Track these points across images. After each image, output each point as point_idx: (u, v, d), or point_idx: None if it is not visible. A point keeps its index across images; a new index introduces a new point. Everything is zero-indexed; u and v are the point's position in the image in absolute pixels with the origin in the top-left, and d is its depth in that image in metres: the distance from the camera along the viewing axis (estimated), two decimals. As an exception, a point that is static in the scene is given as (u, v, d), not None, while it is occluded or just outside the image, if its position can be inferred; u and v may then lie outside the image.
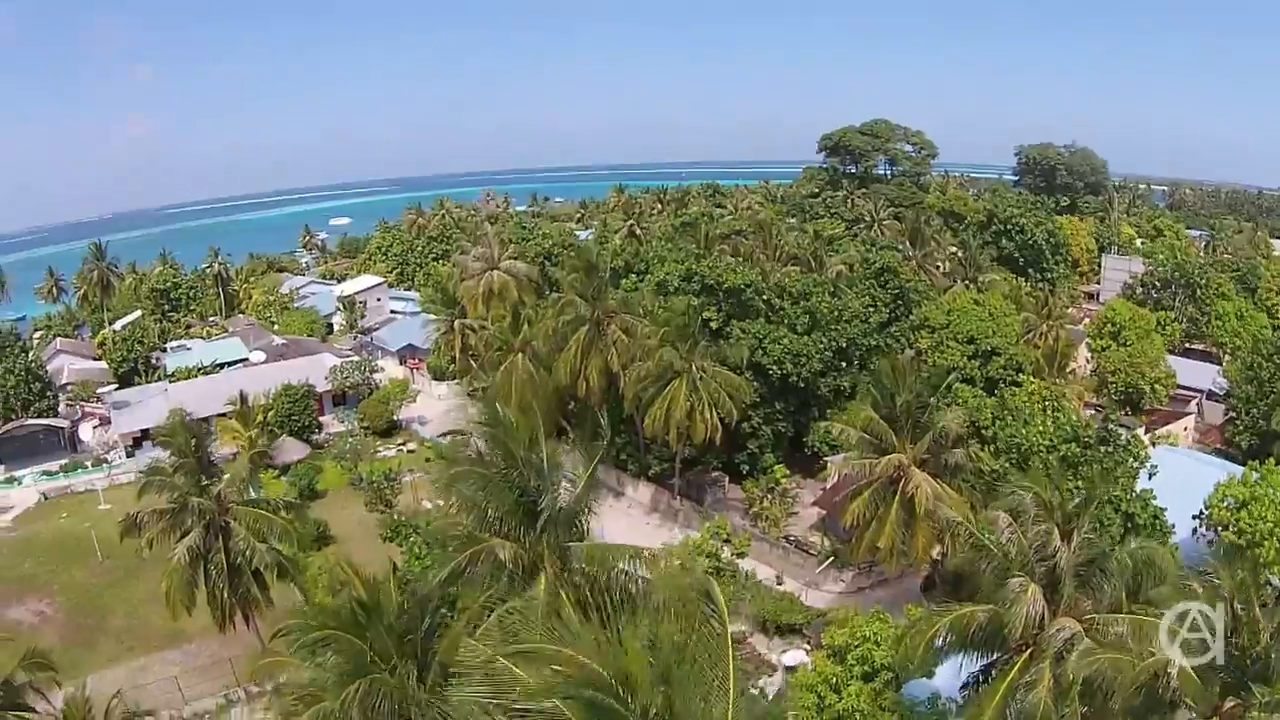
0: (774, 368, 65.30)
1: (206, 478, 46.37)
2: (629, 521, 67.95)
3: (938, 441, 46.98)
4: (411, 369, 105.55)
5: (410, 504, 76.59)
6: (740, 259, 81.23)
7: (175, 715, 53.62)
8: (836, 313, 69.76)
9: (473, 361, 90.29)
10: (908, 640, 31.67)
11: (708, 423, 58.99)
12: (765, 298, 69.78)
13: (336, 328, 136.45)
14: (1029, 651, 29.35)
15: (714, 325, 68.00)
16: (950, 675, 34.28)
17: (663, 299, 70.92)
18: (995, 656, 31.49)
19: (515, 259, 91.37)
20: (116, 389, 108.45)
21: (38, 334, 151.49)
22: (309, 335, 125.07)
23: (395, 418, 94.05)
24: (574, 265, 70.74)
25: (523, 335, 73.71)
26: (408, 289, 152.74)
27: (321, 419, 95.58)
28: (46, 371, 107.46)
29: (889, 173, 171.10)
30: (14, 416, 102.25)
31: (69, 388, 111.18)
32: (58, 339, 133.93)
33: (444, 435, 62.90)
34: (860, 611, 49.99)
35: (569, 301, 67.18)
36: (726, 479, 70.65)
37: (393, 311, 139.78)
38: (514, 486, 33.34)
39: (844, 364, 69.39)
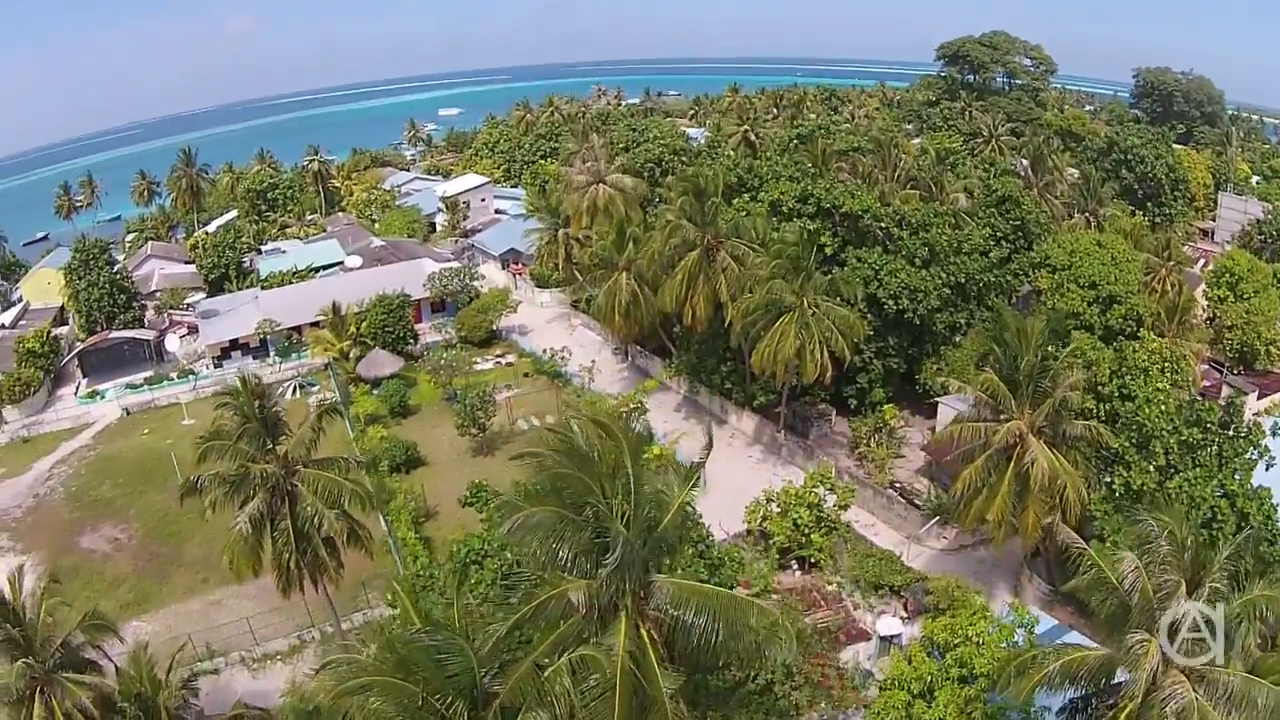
0: (889, 302, 62.44)
1: (272, 439, 42.88)
2: (731, 453, 66.25)
3: (1057, 410, 44.34)
4: (514, 275, 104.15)
5: (505, 423, 75.16)
6: (858, 179, 78.01)
7: (247, 656, 53.33)
8: (956, 244, 66.78)
9: (577, 273, 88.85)
10: (1011, 670, 29.85)
11: (818, 362, 56.69)
12: (883, 225, 66.73)
13: (439, 228, 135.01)
14: (1138, 701, 27.32)
15: (829, 250, 65.49)
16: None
17: (776, 221, 68.15)
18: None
19: (623, 171, 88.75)
20: (206, 296, 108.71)
21: (130, 236, 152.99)
22: (409, 236, 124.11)
23: (494, 328, 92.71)
24: (683, 188, 68.12)
25: (627, 254, 71.81)
26: (514, 186, 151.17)
27: (419, 326, 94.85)
28: (134, 281, 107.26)
29: (1006, 85, 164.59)
30: (98, 329, 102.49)
31: (158, 295, 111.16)
32: (149, 243, 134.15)
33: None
34: (961, 581, 48.20)
35: (677, 226, 64.81)
36: (834, 412, 68.48)
37: (497, 212, 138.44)
38: (588, 523, 27.69)
39: (960, 300, 66.36)
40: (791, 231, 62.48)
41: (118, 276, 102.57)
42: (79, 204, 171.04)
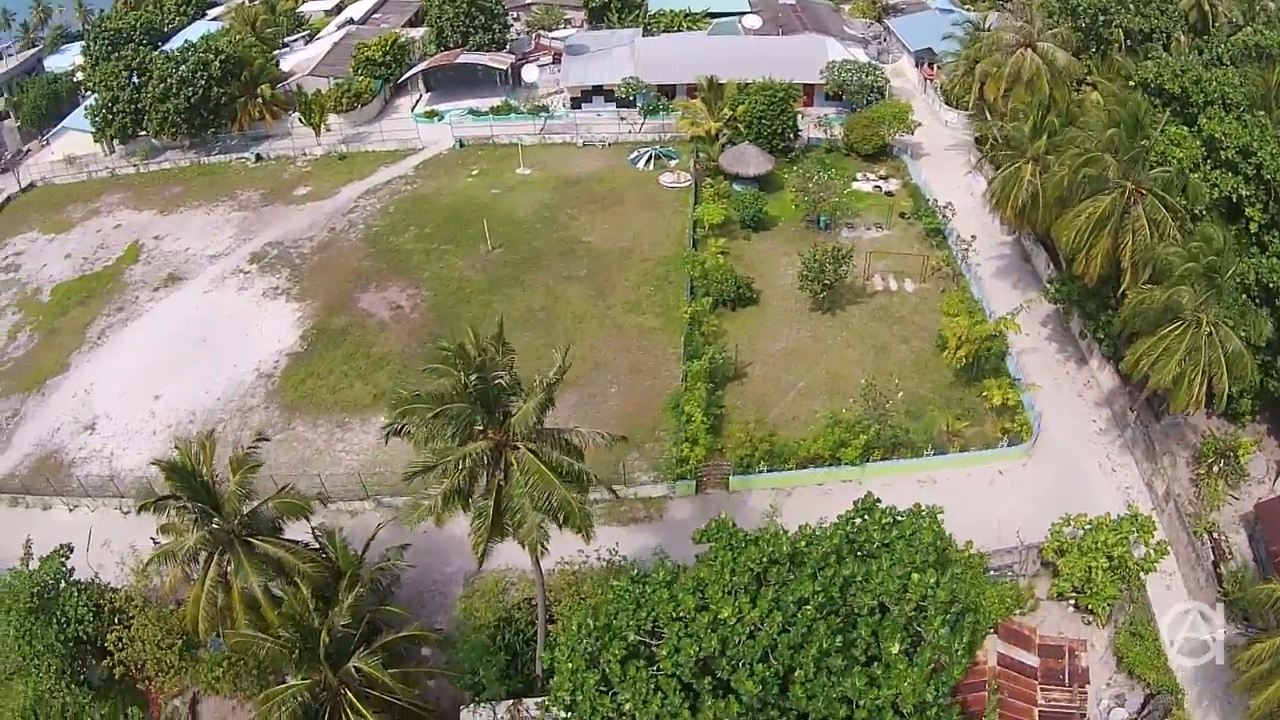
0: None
1: (486, 411, 38.09)
2: (1075, 410, 58.36)
3: None
4: (924, 79, 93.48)
5: (859, 276, 68.40)
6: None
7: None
8: None
9: (987, 112, 78.42)
10: None
11: (1191, 395, 46.99)
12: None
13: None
14: None
15: (1253, 227, 52.68)
16: None
17: (1207, 168, 54.70)
18: None
19: (1057, 39, 74.23)
20: (583, 28, 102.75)
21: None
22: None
23: (886, 143, 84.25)
24: (1115, 114, 56.21)
25: (1039, 144, 61.81)
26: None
27: (806, 111, 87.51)
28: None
29: None
30: (449, 47, 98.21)
31: (533, 8, 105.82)
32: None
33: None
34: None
35: (1094, 158, 54.29)
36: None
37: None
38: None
39: None
40: (1213, 227, 49.96)
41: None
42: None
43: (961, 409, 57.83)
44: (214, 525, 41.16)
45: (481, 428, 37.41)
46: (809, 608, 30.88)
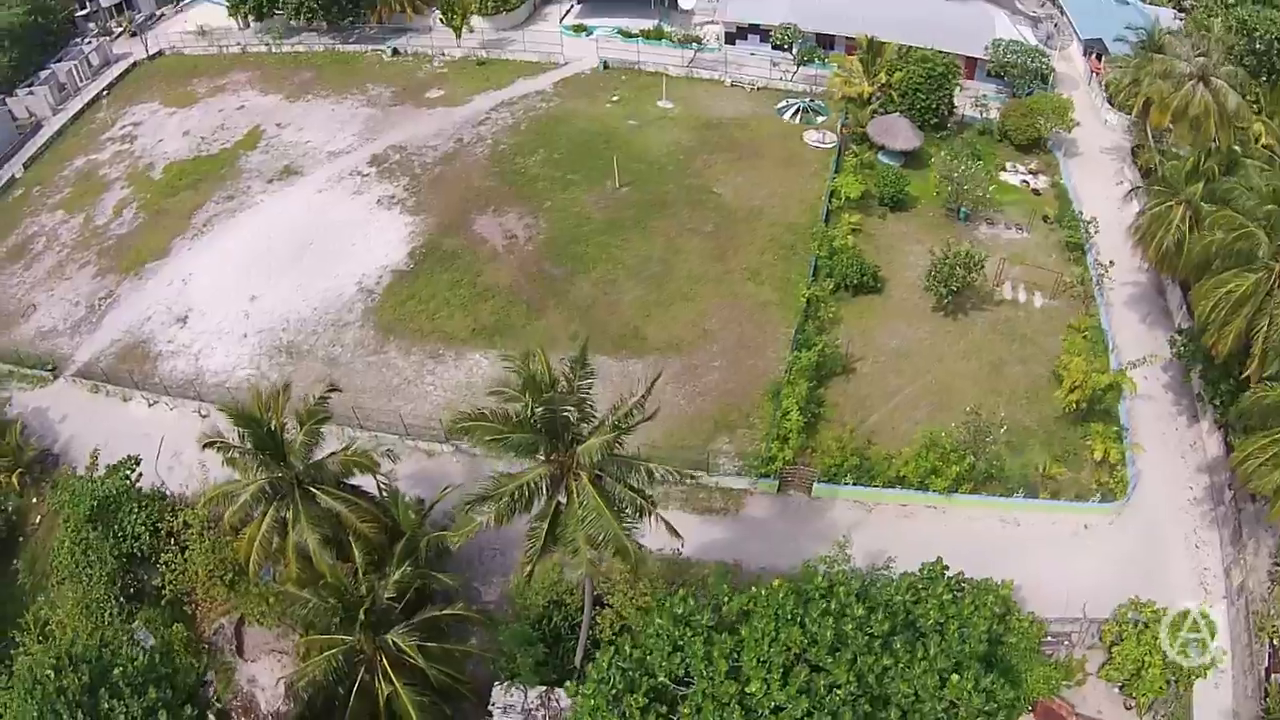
0: None
1: (551, 438, 38.60)
2: (1174, 472, 57.18)
3: None
4: (1091, 71, 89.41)
5: (988, 282, 66.25)
6: None
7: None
8: None
9: (1149, 132, 75.04)
10: None
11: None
12: None
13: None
14: None
15: None
16: None
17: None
18: None
19: (1231, 74, 69.72)
20: None
21: None
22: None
23: (1042, 135, 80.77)
24: (1277, 191, 53.31)
25: (1194, 190, 59.68)
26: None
27: (966, 84, 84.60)
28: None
29: None
30: None
31: None
32: None
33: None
34: None
35: (1247, 233, 52.08)
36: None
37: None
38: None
39: None
40: None
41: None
42: None
43: (1063, 450, 57.17)
44: (276, 475, 43.25)
45: (543, 456, 38.31)
46: (840, 692, 31.95)
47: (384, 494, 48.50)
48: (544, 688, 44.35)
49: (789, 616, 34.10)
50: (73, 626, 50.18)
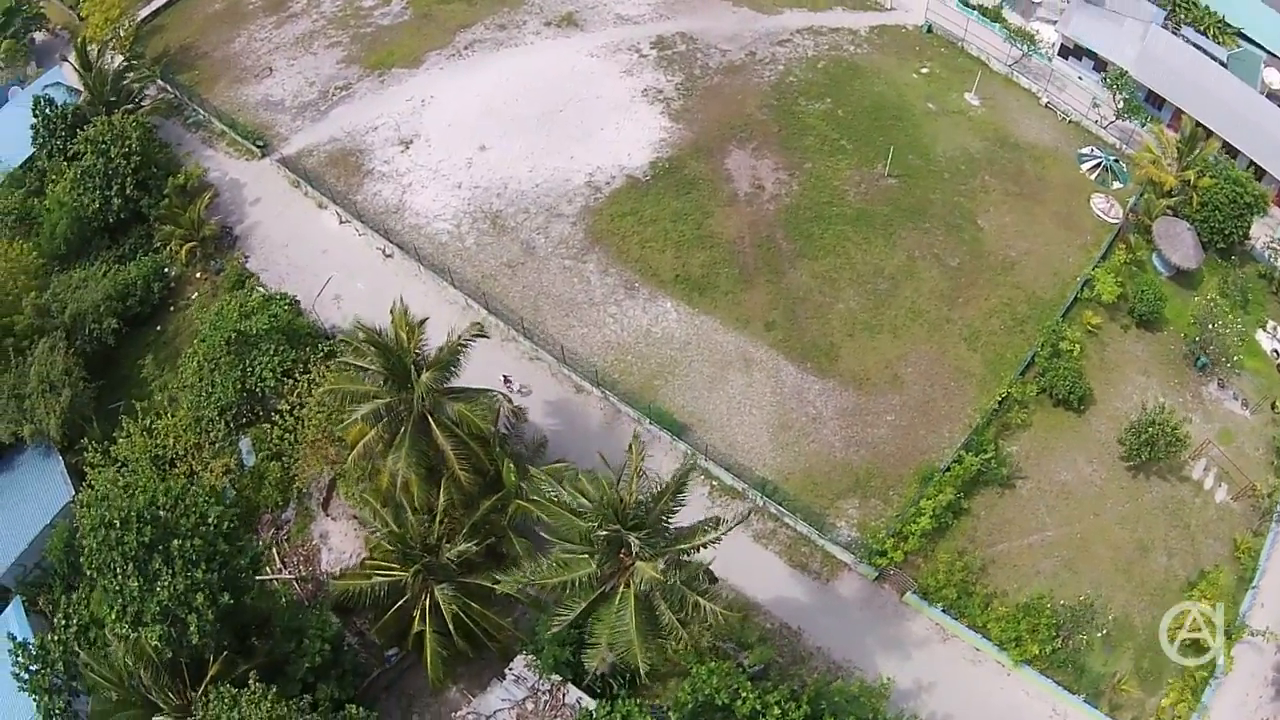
0: None
1: (612, 548, 42.06)
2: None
3: None
4: None
5: (1184, 458, 62.09)
6: None
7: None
8: None
9: None
10: None
11: None
12: None
13: None
14: None
15: None
16: None
17: None
18: None
19: None
20: None
21: None
22: None
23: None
24: None
25: None
26: None
27: (1273, 212, 76.52)
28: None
29: None
30: None
31: None
32: None
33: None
34: None
35: None
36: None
37: None
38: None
39: None
40: None
41: None
42: None
43: (1149, 668, 55.38)
44: (395, 400, 45.87)
45: (598, 569, 40.16)
46: None
47: (501, 435, 50.80)
48: (559, 679, 47.46)
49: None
50: (175, 436, 53.87)
